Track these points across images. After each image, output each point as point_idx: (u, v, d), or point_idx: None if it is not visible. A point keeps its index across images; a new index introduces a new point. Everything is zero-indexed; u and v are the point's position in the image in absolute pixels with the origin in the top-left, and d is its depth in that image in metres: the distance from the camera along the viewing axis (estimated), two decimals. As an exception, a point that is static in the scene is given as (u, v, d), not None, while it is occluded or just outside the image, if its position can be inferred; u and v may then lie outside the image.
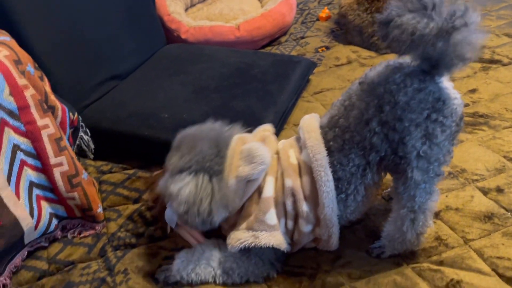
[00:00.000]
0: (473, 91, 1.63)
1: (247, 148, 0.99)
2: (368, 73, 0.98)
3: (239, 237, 0.99)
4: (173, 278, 1.05)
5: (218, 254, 1.05)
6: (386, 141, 0.92)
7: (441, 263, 1.05)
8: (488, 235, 1.10)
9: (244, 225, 1.00)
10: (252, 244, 0.97)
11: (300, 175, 1.01)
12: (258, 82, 1.57)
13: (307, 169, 1.00)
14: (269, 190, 1.00)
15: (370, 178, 0.98)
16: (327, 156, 0.97)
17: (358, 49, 2.02)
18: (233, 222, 1.04)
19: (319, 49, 2.05)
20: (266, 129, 1.16)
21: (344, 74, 1.84)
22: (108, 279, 1.08)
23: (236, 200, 0.99)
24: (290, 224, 1.02)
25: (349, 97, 0.98)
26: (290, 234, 1.03)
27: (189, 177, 0.96)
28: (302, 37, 2.18)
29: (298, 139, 1.07)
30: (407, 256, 1.07)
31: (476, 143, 1.39)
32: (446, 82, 0.92)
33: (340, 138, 0.97)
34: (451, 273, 1.02)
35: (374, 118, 0.92)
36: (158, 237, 1.19)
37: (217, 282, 1.04)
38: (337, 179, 0.97)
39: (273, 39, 2.16)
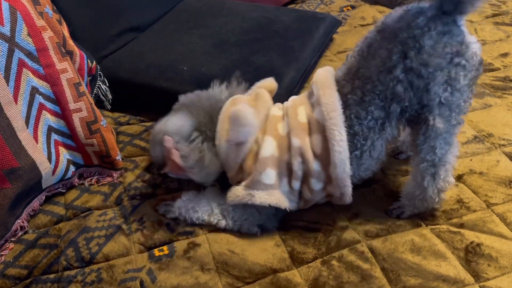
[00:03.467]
0: (505, 55, 1.56)
1: (233, 111, 0.98)
2: (385, 20, 0.93)
3: (237, 194, 1.01)
4: (172, 214, 1.08)
5: (219, 197, 1.07)
6: (410, 89, 0.89)
7: (461, 225, 1.02)
8: (513, 200, 1.06)
9: (244, 182, 1.01)
10: (249, 202, 0.99)
11: (310, 134, 0.98)
12: (279, 38, 1.52)
13: (319, 127, 0.97)
14: (267, 150, 0.99)
15: (389, 132, 0.95)
16: (342, 113, 0.94)
17: (385, 9, 1.94)
18: (236, 181, 1.05)
19: (344, 8, 1.98)
20: (265, 85, 1.12)
21: (369, 34, 1.78)
22: (124, 226, 1.09)
23: (230, 162, 1.01)
24: (296, 184, 1.00)
25: (368, 46, 0.94)
26: (297, 193, 1.02)
27: (185, 116, 1.03)
28: (327, -4, 2.10)
29: (311, 95, 1.03)
30: (426, 218, 1.05)
31: (505, 108, 1.33)
32: (464, 27, 0.90)
33: (360, 89, 0.93)
34: (471, 236, 0.99)
35: (398, 65, 0.88)
36: (174, 188, 1.19)
37: (212, 220, 1.05)
38: (352, 134, 0.95)
39: (297, -3, 2.09)
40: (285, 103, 1.08)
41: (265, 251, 1.01)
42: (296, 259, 0.99)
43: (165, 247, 1.03)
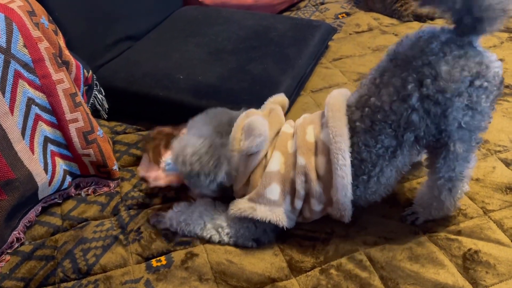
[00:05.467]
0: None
1: (247, 122, 0.98)
2: (397, 48, 0.92)
3: (240, 206, 1.00)
4: (163, 225, 1.08)
5: (212, 210, 1.07)
6: (426, 117, 0.87)
7: (459, 233, 1.02)
8: (509, 207, 1.07)
9: (248, 195, 1.01)
10: (250, 216, 0.98)
11: (316, 154, 0.98)
12: (275, 46, 1.52)
13: (324, 149, 0.96)
14: (274, 165, 0.99)
15: (401, 159, 0.93)
16: (349, 139, 0.93)
17: (380, 16, 1.95)
18: (241, 194, 1.04)
19: (339, 15, 1.99)
20: (277, 100, 1.13)
21: (364, 41, 1.79)
22: (121, 237, 1.08)
23: (239, 173, 1.01)
24: (299, 203, 1.00)
25: (381, 74, 0.92)
26: (298, 212, 1.02)
27: (205, 141, 0.99)
28: (322, 3, 2.11)
29: (323, 115, 1.02)
30: (423, 225, 1.05)
31: (500, 114, 1.34)
32: (481, 47, 0.87)
33: (369, 118, 0.91)
34: (469, 243, 1.00)
35: (414, 94, 0.86)
36: (171, 198, 1.18)
37: (205, 235, 1.05)
38: (360, 160, 0.94)
39: (292, 4, 2.10)
40: (297, 120, 1.08)
41: (263, 260, 1.01)
42: (295, 268, 0.99)
43: (162, 258, 1.03)
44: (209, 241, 1.05)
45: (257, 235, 1.03)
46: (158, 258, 1.03)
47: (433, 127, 0.88)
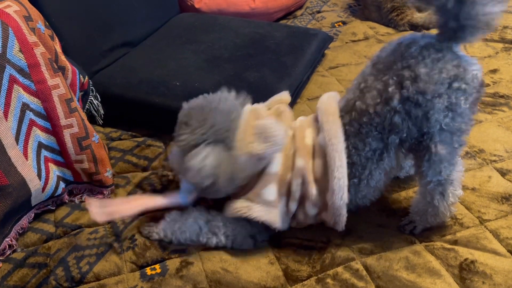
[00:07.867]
0: (494, 71, 1.58)
1: (261, 124, 0.95)
2: (379, 54, 0.95)
3: (236, 206, 1.00)
4: (156, 236, 1.06)
5: (206, 213, 1.06)
6: (408, 119, 0.89)
7: (455, 242, 1.02)
8: (505, 216, 1.07)
9: (245, 195, 1.01)
10: (245, 215, 0.98)
11: (313, 157, 0.99)
12: (272, 54, 1.53)
13: (321, 152, 0.97)
14: (275, 166, 0.99)
15: (387, 162, 0.95)
16: (344, 141, 0.94)
17: (376, 25, 1.96)
18: (239, 194, 1.03)
19: (336, 24, 2.00)
20: (283, 99, 1.13)
21: (360, 50, 1.79)
22: (115, 244, 1.07)
23: (242, 175, 0.99)
24: (293, 206, 1.00)
25: (365, 79, 0.94)
26: (292, 215, 1.02)
27: (208, 149, 0.94)
28: (319, 11, 2.12)
29: (317, 119, 1.03)
30: (420, 234, 1.04)
31: (495, 123, 1.35)
32: (461, 52, 0.90)
33: (357, 121, 0.93)
34: (465, 252, 0.99)
35: (395, 96, 0.88)
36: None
37: (201, 240, 1.03)
38: (351, 164, 0.95)
39: (289, 13, 2.11)
40: (294, 122, 1.08)
41: (259, 269, 1.00)
42: (291, 277, 0.98)
43: (157, 266, 1.02)
44: (206, 246, 1.04)
45: (253, 232, 1.03)
46: (152, 266, 1.02)
47: (415, 129, 0.90)
